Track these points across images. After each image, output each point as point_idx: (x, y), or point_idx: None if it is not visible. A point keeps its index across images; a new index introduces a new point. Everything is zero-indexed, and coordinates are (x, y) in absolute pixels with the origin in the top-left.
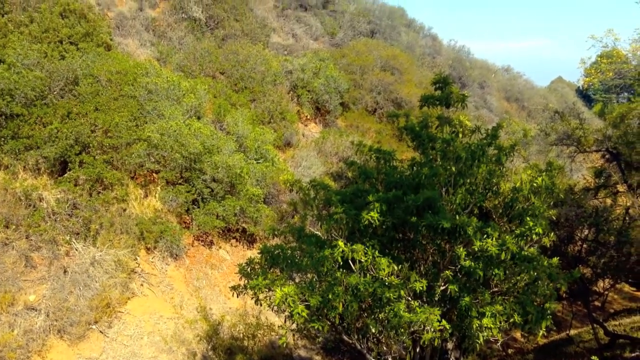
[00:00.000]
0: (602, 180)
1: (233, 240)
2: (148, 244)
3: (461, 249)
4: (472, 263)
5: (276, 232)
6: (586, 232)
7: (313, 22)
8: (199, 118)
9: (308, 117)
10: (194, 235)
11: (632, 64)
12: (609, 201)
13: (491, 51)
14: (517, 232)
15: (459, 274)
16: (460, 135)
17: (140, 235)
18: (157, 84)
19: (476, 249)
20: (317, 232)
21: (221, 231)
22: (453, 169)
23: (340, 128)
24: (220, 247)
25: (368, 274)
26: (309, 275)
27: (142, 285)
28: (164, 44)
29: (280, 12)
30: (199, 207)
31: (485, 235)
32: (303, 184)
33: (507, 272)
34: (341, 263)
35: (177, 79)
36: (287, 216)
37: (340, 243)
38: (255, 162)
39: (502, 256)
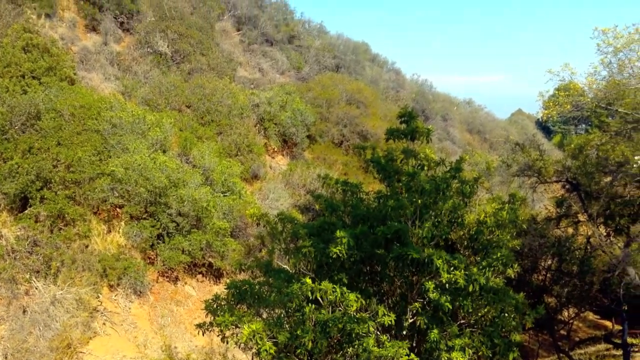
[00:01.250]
0: (563, 210)
1: (199, 276)
2: (111, 281)
3: (429, 281)
4: (440, 295)
5: (243, 267)
6: (549, 261)
7: (279, 56)
8: (164, 151)
9: (275, 150)
10: (158, 271)
11: (588, 97)
12: (570, 230)
13: (453, 85)
14: (484, 263)
15: (427, 307)
16: (426, 168)
17: (102, 272)
18: (122, 117)
19: (444, 281)
20: (285, 266)
21: (187, 266)
22: (419, 201)
23: (308, 160)
24: (186, 283)
25: (337, 309)
26: (277, 310)
27: (104, 324)
28: (129, 77)
29: (247, 47)
30: (164, 242)
31: (452, 268)
32: (270, 217)
33: (474, 304)
34: (310, 298)
35: (142, 112)
36: (254, 250)
37: (308, 281)
38: (222, 195)
39: (470, 288)
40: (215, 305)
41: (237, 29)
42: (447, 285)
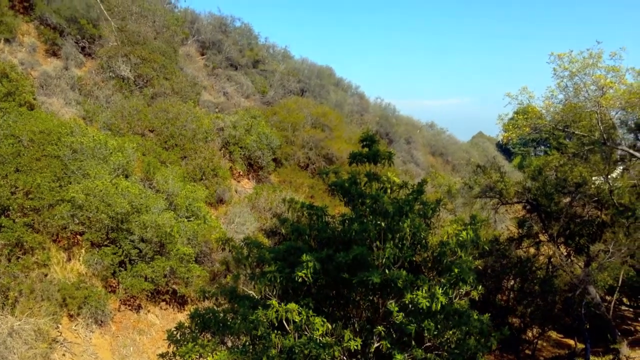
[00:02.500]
0: (525, 231)
1: (163, 303)
2: (71, 311)
3: (393, 304)
4: (405, 318)
5: (207, 295)
6: (512, 282)
7: (244, 80)
8: (127, 177)
9: (241, 174)
10: (120, 300)
11: (546, 120)
12: (532, 251)
13: (415, 108)
14: (444, 280)
15: (392, 330)
16: (389, 191)
17: (62, 301)
18: (83, 143)
19: (407, 301)
20: (250, 292)
21: (150, 294)
22: (382, 224)
23: (274, 184)
24: (148, 311)
25: (303, 335)
26: (242, 338)
27: (64, 355)
28: (90, 102)
29: (211, 71)
30: (126, 270)
31: (415, 288)
32: (236, 242)
33: (439, 326)
34: (275, 324)
35: (104, 137)
36: (219, 276)
37: (274, 302)
38: (186, 220)
39: (433, 307)
40: (178, 335)
41: (201, 54)
42: (410, 305)
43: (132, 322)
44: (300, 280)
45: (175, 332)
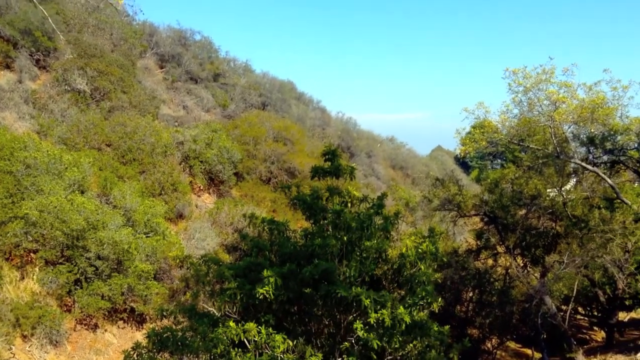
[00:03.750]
0: (482, 243)
1: (120, 322)
2: (24, 331)
3: (357, 321)
4: (368, 334)
5: (165, 313)
6: (471, 293)
7: (204, 94)
8: (82, 192)
9: (201, 188)
10: (76, 319)
11: (502, 134)
12: (490, 262)
13: (376, 122)
14: (409, 301)
15: (355, 345)
16: (350, 205)
17: (15, 321)
18: (37, 158)
19: (372, 321)
20: (210, 309)
21: (107, 312)
22: (345, 238)
23: (235, 198)
24: (106, 330)
25: (264, 352)
26: (201, 357)
27: None
28: (45, 116)
29: (170, 85)
30: (82, 288)
31: (380, 306)
32: (194, 259)
33: (402, 339)
34: (236, 342)
35: (59, 152)
36: (179, 293)
37: (232, 323)
38: (144, 236)
39: (397, 328)
40: (135, 355)
41: (160, 67)
42: (374, 324)
43: (89, 341)
44: (260, 297)
45: (132, 352)
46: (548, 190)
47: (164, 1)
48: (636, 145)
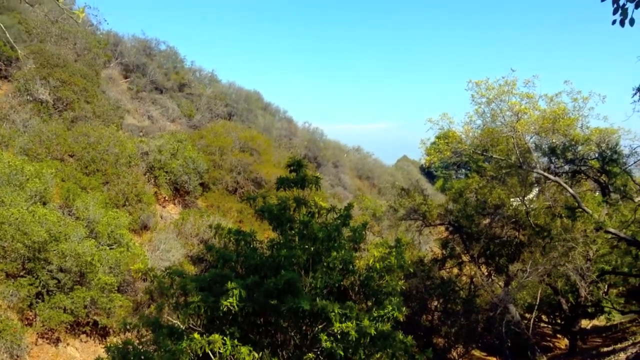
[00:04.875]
0: (448, 252)
1: (83, 335)
2: None
3: (322, 332)
4: (333, 344)
5: (128, 326)
6: (436, 302)
7: (169, 104)
8: (44, 204)
9: (166, 199)
10: (37, 333)
11: (466, 144)
12: (455, 271)
13: (343, 132)
14: (375, 314)
15: (320, 356)
16: (317, 216)
17: None
18: None
19: (336, 330)
20: (175, 322)
21: (69, 326)
22: (311, 249)
23: (201, 209)
24: (68, 344)
25: None
26: None
27: None
28: (6, 127)
29: (135, 94)
30: (43, 301)
31: (345, 318)
32: (158, 271)
33: (367, 350)
34: (200, 355)
35: (20, 163)
36: (143, 305)
37: (196, 335)
38: (108, 248)
39: (362, 341)
40: None
41: (124, 77)
42: (339, 335)
43: (51, 356)
44: (225, 309)
45: None
46: (511, 199)
47: (129, 11)
48: (596, 155)
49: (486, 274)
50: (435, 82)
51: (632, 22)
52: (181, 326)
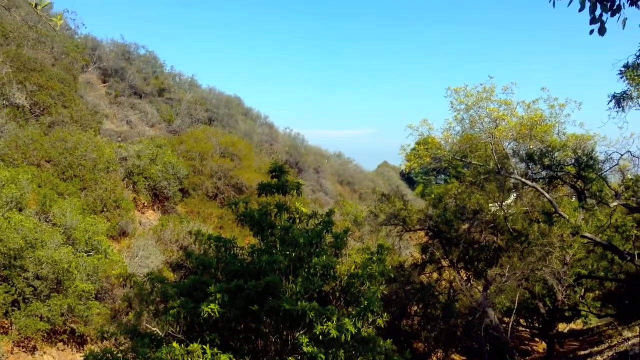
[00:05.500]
0: (428, 257)
1: (60, 344)
2: None
3: (303, 336)
4: (314, 348)
5: (106, 335)
6: (416, 307)
7: (149, 109)
8: (21, 210)
9: (146, 205)
10: (13, 342)
11: (445, 150)
12: (435, 276)
13: (323, 139)
14: (354, 312)
15: None
16: (298, 222)
17: None
18: None
19: (317, 333)
20: (154, 330)
21: (46, 334)
22: (293, 255)
23: (181, 215)
24: (45, 353)
25: None
26: None
27: None
28: None
29: (114, 99)
30: (19, 309)
31: (325, 319)
32: (138, 277)
33: (347, 354)
34: None
35: None
36: (121, 313)
37: (175, 344)
38: (85, 255)
39: (343, 338)
40: None
41: (103, 81)
42: (320, 337)
43: None
44: (206, 315)
45: None
46: (490, 205)
47: (108, 15)
48: (573, 161)
49: (465, 278)
50: (415, 89)
51: (602, 31)
52: (160, 334)
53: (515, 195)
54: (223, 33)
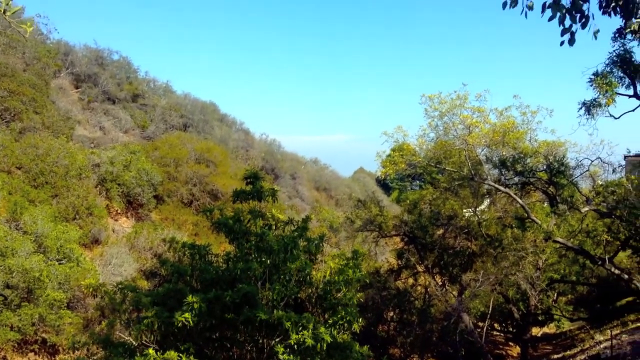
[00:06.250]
0: (403, 262)
1: (31, 354)
2: None
3: (279, 344)
4: (290, 356)
5: (77, 345)
6: (392, 313)
7: (122, 115)
8: None
9: (119, 212)
10: None
11: (420, 156)
12: (411, 281)
13: (299, 144)
14: (330, 321)
15: None
16: (274, 228)
17: None
18: None
19: (293, 342)
20: (127, 339)
21: (17, 344)
22: (268, 262)
23: (155, 222)
24: None
25: None
26: None
27: None
28: None
29: (86, 105)
30: None
31: (301, 327)
32: (109, 287)
33: None
34: None
35: None
36: (94, 322)
37: (151, 351)
38: (57, 263)
39: (318, 347)
40: None
41: (75, 87)
42: (296, 346)
43: None
44: (179, 325)
45: None
46: (464, 210)
47: (80, 20)
48: (544, 167)
49: (440, 283)
50: (392, 96)
51: (572, 42)
52: (134, 342)
53: (488, 200)
54: (193, 39)
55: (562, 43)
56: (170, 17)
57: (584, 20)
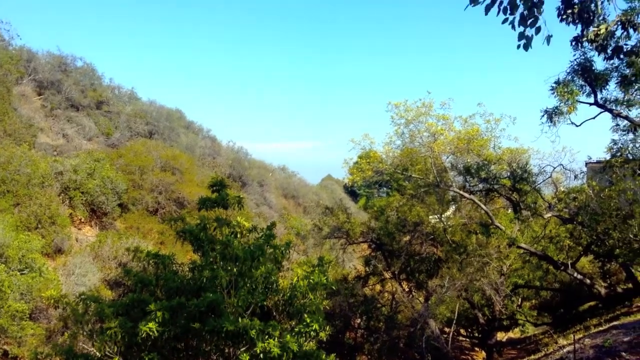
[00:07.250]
0: (370, 269)
1: None
2: None
3: (245, 353)
4: None
5: (39, 356)
6: (359, 320)
7: (86, 122)
8: None
9: (82, 220)
10: None
11: (386, 163)
12: (378, 288)
13: (267, 152)
14: (297, 330)
15: None
16: (239, 236)
17: None
18: None
19: (259, 351)
20: (91, 350)
21: None
22: (234, 270)
23: (120, 230)
24: None
25: None
26: None
27: None
28: None
29: (49, 112)
30: None
31: (267, 336)
32: (71, 298)
33: None
34: None
35: None
36: (56, 333)
37: None
38: (19, 273)
39: (284, 356)
40: None
41: (38, 93)
42: (262, 355)
43: None
44: (144, 334)
45: None
46: (430, 217)
47: (43, 26)
48: (508, 174)
49: (407, 290)
50: (359, 102)
51: (527, 47)
52: (97, 354)
53: (454, 207)
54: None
55: (518, 47)
56: (136, 25)
57: (536, 26)
